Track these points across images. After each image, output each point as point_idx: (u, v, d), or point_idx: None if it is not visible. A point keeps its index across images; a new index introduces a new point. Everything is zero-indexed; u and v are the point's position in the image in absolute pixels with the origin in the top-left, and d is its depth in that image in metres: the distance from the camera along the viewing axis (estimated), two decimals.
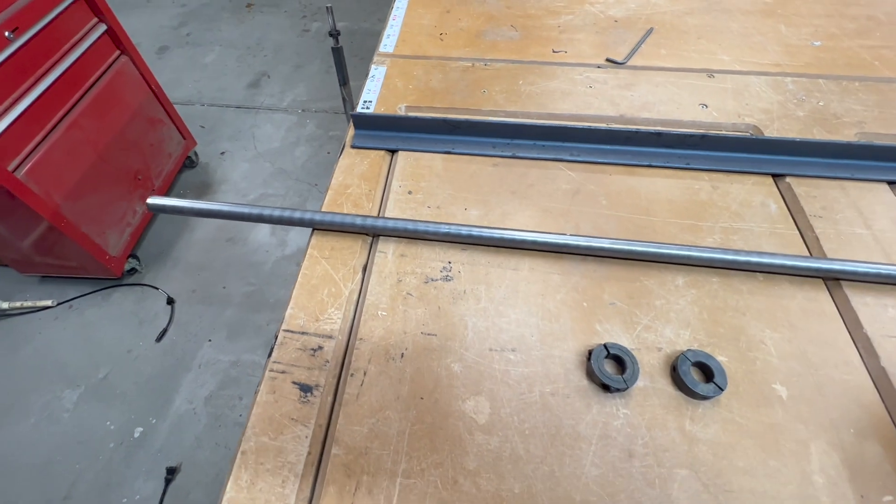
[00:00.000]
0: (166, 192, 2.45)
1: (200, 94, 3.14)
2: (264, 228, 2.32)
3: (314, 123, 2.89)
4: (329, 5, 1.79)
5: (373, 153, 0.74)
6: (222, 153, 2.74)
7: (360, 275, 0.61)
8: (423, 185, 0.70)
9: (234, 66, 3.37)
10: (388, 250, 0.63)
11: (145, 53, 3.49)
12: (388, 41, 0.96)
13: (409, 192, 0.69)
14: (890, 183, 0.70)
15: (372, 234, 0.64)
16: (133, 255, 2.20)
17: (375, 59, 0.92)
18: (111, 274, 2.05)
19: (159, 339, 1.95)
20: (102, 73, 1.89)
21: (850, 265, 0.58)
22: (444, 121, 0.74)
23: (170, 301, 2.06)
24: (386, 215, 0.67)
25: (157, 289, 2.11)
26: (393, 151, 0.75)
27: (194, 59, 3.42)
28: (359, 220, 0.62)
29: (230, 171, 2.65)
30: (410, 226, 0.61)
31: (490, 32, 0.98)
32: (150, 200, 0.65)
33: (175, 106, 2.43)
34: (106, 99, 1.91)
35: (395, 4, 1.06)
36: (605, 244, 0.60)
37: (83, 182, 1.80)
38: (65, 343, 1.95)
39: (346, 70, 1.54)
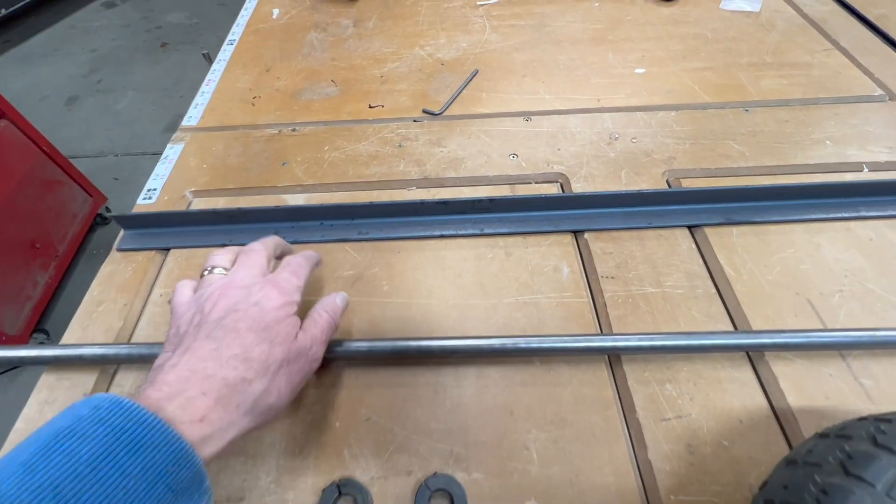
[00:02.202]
0: (75, 255, 2.33)
1: (113, 143, 3.01)
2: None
3: None
4: (205, 52, 1.71)
5: (142, 254, 0.67)
6: None
7: None
8: None
9: (149, 110, 3.25)
10: (126, 382, 0.56)
11: (54, 106, 3.34)
12: (194, 112, 0.89)
13: (169, 302, 0.62)
14: (690, 227, 0.67)
15: (109, 362, 0.57)
16: (40, 329, 2.07)
17: (174, 136, 0.84)
18: None
19: None
20: None
21: (623, 340, 0.53)
22: (215, 212, 0.67)
23: None
24: (136, 334, 0.60)
25: None
26: (166, 250, 0.68)
27: (106, 106, 3.28)
28: (86, 351, 0.55)
29: None
30: (135, 350, 0.54)
31: (308, 90, 0.92)
32: None
33: (85, 160, 2.32)
34: None
35: (212, 67, 0.99)
36: (364, 346, 0.54)
37: None
38: None
39: None
